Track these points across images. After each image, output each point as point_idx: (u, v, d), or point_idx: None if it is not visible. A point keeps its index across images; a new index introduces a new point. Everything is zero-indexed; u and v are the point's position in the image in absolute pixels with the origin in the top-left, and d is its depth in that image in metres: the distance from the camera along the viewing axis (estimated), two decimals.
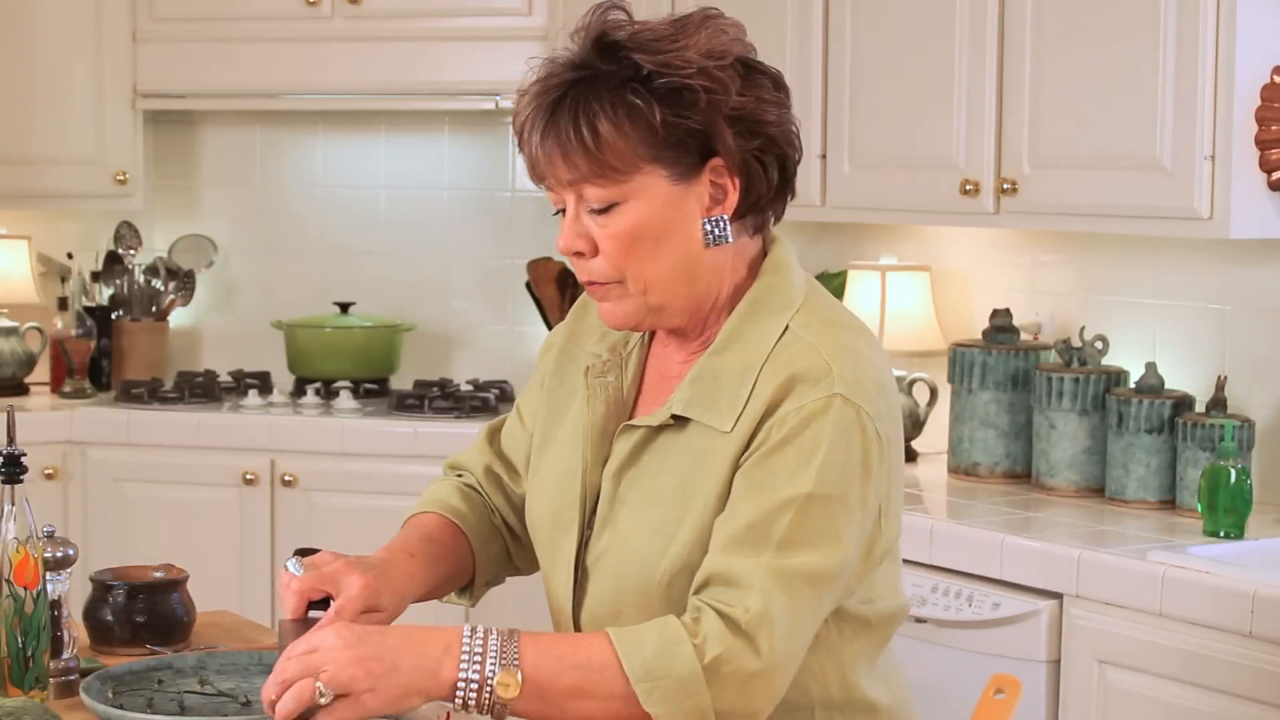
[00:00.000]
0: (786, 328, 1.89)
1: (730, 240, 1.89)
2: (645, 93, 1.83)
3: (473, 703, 1.75)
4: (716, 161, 1.87)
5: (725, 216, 1.88)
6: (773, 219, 1.96)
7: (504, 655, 1.75)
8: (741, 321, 1.91)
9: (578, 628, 1.97)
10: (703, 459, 1.87)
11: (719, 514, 1.85)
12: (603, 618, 1.92)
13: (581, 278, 1.92)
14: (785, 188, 1.93)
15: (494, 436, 2.20)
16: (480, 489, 2.16)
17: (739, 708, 1.76)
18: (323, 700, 1.73)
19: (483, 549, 2.11)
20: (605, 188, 1.86)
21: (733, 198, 1.88)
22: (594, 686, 1.75)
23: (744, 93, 1.86)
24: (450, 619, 3.44)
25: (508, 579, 2.20)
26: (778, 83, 1.92)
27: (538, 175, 1.90)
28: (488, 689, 1.74)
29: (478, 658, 1.75)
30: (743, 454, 1.85)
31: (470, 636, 1.76)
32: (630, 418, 1.98)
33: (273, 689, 1.75)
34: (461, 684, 1.74)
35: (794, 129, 1.92)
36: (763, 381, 1.85)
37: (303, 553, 1.99)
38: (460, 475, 2.19)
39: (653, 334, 2.02)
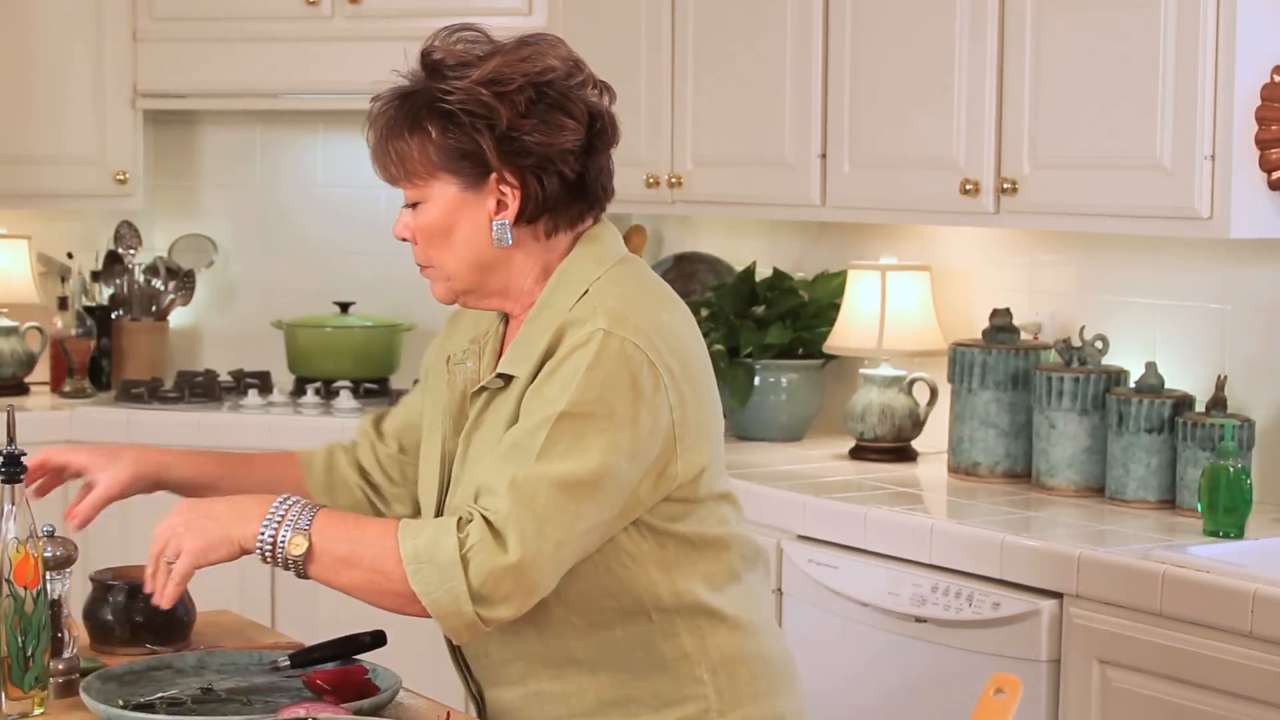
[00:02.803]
0: (586, 291, 2.14)
1: (510, 242, 2.15)
2: (433, 115, 2.12)
3: (269, 556, 2.06)
4: (496, 174, 2.13)
5: (507, 221, 2.14)
6: (581, 220, 2.19)
7: (298, 521, 2.06)
8: (552, 291, 2.17)
9: None
10: (515, 406, 2.13)
11: None
12: None
13: (415, 260, 2.23)
14: (579, 197, 2.17)
15: (379, 415, 2.50)
16: (352, 449, 2.46)
17: (490, 593, 2.01)
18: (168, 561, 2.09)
19: (326, 498, 2.42)
20: (411, 189, 2.17)
21: (514, 206, 2.14)
22: (368, 560, 2.04)
23: (527, 115, 2.11)
24: None
25: None
26: (573, 110, 2.13)
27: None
28: (280, 546, 2.05)
29: (277, 521, 2.06)
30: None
31: (279, 505, 2.08)
32: None
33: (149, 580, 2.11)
34: (259, 539, 2.06)
35: (573, 149, 2.13)
36: (555, 334, 2.11)
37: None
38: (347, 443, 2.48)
39: (508, 322, 2.27)
